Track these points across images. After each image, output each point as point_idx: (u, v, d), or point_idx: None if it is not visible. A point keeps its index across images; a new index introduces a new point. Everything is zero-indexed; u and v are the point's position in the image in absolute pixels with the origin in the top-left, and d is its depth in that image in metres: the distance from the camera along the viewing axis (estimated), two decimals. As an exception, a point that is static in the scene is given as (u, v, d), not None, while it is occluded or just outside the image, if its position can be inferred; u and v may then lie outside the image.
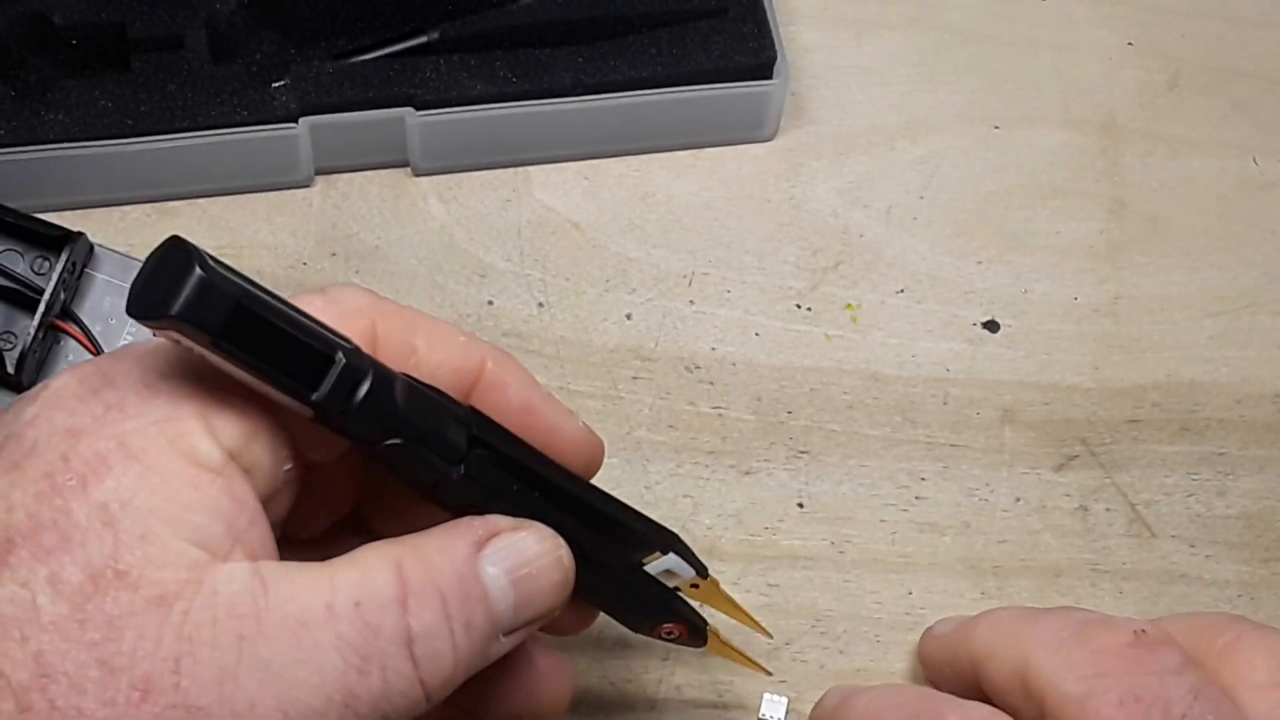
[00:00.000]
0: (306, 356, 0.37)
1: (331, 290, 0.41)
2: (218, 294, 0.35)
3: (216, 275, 0.35)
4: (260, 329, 0.36)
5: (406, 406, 0.39)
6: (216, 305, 0.35)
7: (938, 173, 0.66)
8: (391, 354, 0.41)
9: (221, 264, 0.36)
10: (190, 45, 0.62)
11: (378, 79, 0.62)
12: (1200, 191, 0.66)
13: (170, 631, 0.34)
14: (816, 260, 0.63)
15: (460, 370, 0.43)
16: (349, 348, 0.38)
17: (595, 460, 0.46)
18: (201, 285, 0.35)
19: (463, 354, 0.43)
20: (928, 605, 0.57)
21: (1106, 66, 0.69)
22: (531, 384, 0.44)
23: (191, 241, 0.36)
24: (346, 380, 0.37)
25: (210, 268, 0.35)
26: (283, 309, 0.37)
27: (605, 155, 0.65)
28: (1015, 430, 0.60)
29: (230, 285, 0.35)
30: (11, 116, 0.60)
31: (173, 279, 0.35)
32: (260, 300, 0.36)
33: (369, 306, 0.41)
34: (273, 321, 0.36)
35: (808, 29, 0.68)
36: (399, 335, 0.41)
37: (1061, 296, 0.63)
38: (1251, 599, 0.58)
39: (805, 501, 0.59)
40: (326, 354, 0.37)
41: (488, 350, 0.43)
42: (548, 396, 0.44)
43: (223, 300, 0.35)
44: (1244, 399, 0.62)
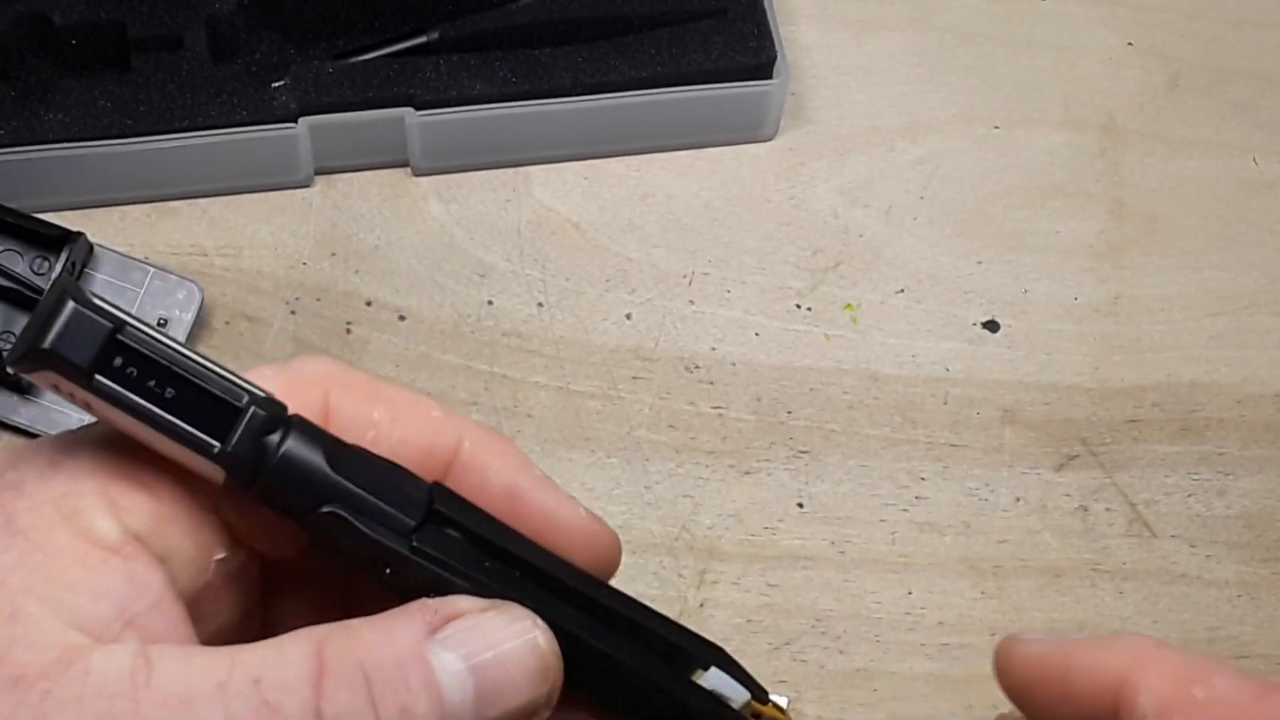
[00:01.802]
0: (206, 402, 0.33)
1: (292, 360, 0.37)
2: (90, 324, 0.32)
3: (91, 307, 0.32)
4: (145, 366, 0.32)
5: (341, 468, 0.34)
6: (88, 337, 0.32)
7: (938, 173, 0.66)
8: (345, 427, 0.36)
9: (111, 304, 0.32)
10: (190, 45, 0.62)
11: (377, 79, 0.62)
12: (1200, 191, 0.66)
13: (26, 712, 0.31)
14: (816, 260, 0.63)
15: (428, 448, 0.36)
16: (260, 396, 0.33)
17: (607, 558, 0.38)
18: (73, 317, 0.32)
19: (433, 430, 0.37)
20: (928, 605, 0.57)
21: (1106, 67, 0.69)
22: (521, 465, 0.37)
23: (78, 285, 0.33)
24: (260, 432, 0.33)
25: (85, 300, 0.32)
26: (174, 349, 0.33)
27: (605, 155, 0.65)
28: (1015, 430, 0.60)
29: (106, 316, 0.32)
30: (11, 116, 0.60)
31: (47, 317, 0.32)
32: (145, 336, 0.32)
33: (326, 376, 0.37)
34: (158, 359, 0.32)
35: (808, 29, 0.68)
36: (356, 407, 0.36)
37: (1062, 296, 0.63)
38: (1252, 599, 0.58)
39: (805, 501, 0.58)
40: (230, 402, 0.33)
41: (467, 427, 0.37)
42: (543, 480, 0.37)
43: (95, 330, 0.32)
44: (1244, 399, 0.62)
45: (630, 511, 0.58)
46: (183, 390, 0.33)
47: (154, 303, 0.59)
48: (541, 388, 0.60)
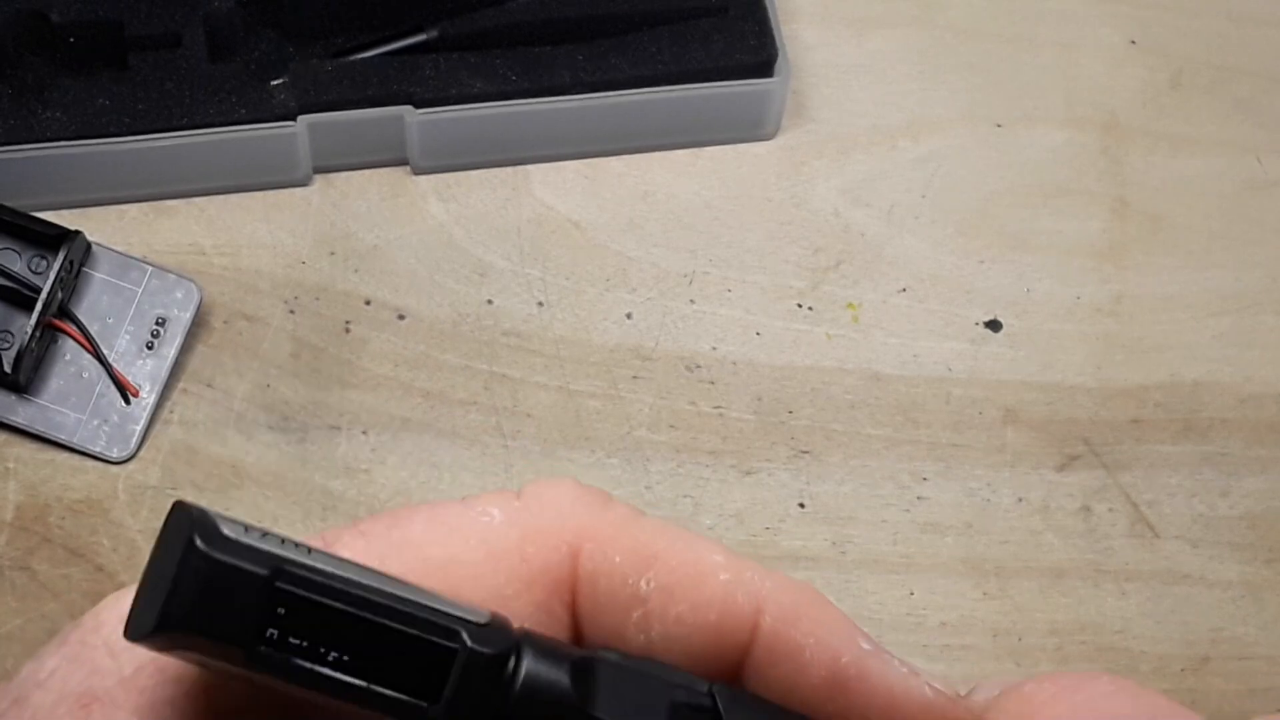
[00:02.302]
0: (405, 648, 0.24)
1: (526, 491, 0.28)
2: (238, 576, 0.23)
3: (233, 547, 0.23)
4: (318, 614, 0.24)
5: (602, 701, 0.26)
6: (238, 594, 0.23)
7: (939, 172, 0.65)
8: (600, 606, 0.27)
9: (252, 526, 0.24)
10: (188, 43, 0.62)
11: (377, 77, 0.62)
12: (1203, 190, 0.66)
13: None
14: (818, 259, 0.63)
15: (716, 629, 0.27)
16: (476, 624, 0.25)
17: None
18: (212, 571, 0.23)
19: (722, 602, 0.27)
20: (929, 606, 0.57)
21: (1109, 65, 0.68)
22: (844, 636, 0.27)
23: (199, 505, 0.24)
24: (483, 677, 0.25)
25: (221, 537, 0.23)
26: (353, 582, 0.24)
27: (605, 154, 0.64)
28: (1017, 430, 0.60)
29: (256, 558, 0.23)
30: (9, 115, 0.60)
31: (174, 573, 0.23)
32: (314, 573, 0.24)
33: (575, 527, 0.27)
34: (335, 604, 0.24)
35: (808, 27, 0.68)
36: (615, 574, 0.27)
37: (1064, 296, 0.63)
38: (1255, 599, 0.58)
39: (806, 501, 0.58)
40: (438, 643, 0.24)
41: (766, 589, 0.27)
42: (874, 653, 0.27)
43: (247, 583, 0.23)
44: (1247, 399, 0.61)
45: (630, 512, 0.58)
46: (371, 638, 0.24)
47: (152, 302, 0.59)
48: (541, 387, 0.60)
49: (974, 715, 0.27)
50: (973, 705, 0.27)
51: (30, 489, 0.57)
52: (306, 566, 0.24)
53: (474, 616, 0.25)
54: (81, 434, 0.58)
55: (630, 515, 0.28)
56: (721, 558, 0.27)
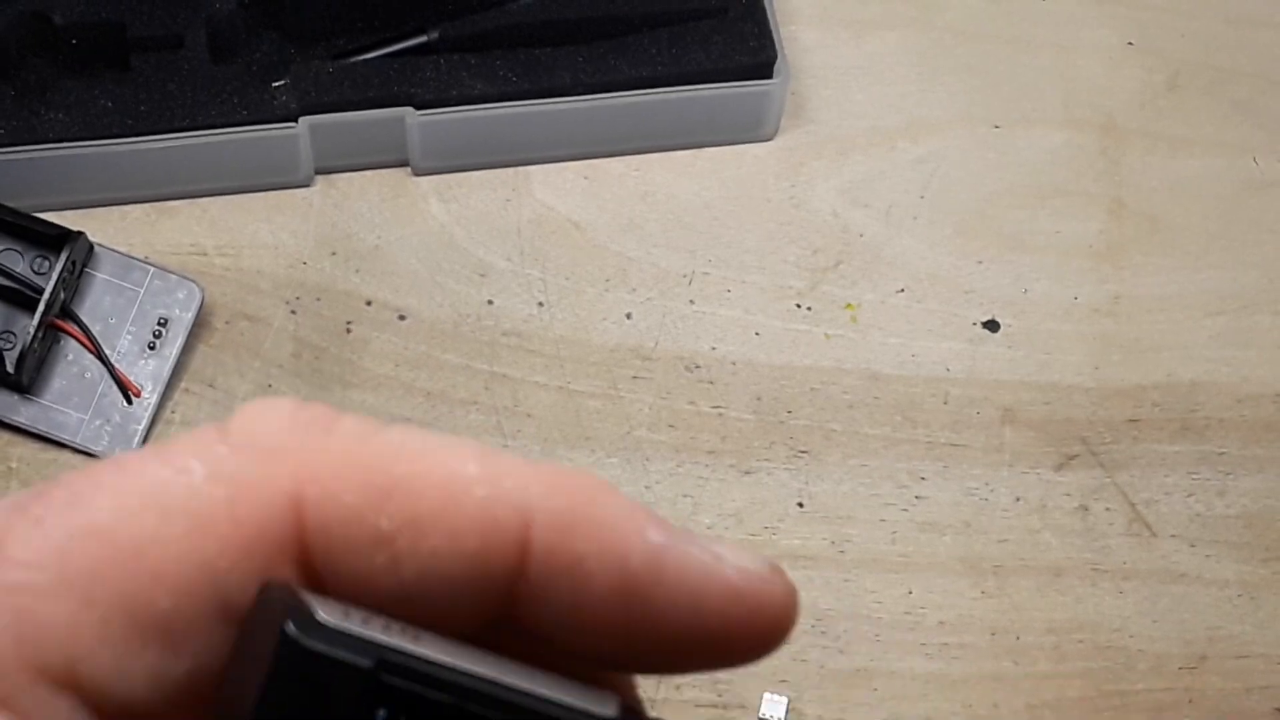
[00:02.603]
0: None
1: (238, 420, 0.23)
2: (336, 669, 0.21)
3: (329, 634, 0.21)
4: (429, 714, 0.21)
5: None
6: (336, 689, 0.21)
7: (938, 172, 0.66)
8: (334, 551, 0.23)
9: (346, 609, 0.21)
10: (190, 45, 0.62)
11: (378, 79, 0.62)
12: (1200, 191, 0.66)
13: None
14: (816, 260, 0.63)
15: (479, 560, 0.23)
16: (610, 714, 0.22)
17: (778, 623, 0.24)
18: (305, 662, 0.20)
19: (481, 523, 0.23)
20: (928, 605, 0.57)
21: (1106, 66, 0.69)
22: (634, 530, 0.23)
23: (289, 584, 0.22)
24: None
25: (314, 623, 0.21)
26: (463, 672, 0.21)
27: (605, 155, 0.65)
28: (1015, 430, 0.60)
29: (355, 645, 0.21)
30: (11, 116, 0.60)
31: (258, 658, 0.21)
32: (421, 664, 0.21)
33: (295, 456, 0.23)
34: (443, 699, 0.21)
35: (808, 29, 0.68)
36: (348, 514, 0.23)
37: (1062, 296, 0.63)
38: (1252, 599, 0.58)
39: (805, 501, 0.58)
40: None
41: (535, 498, 0.23)
42: (673, 546, 0.23)
43: (345, 676, 0.21)
44: (1244, 399, 0.62)
45: (630, 511, 0.58)
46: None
47: (154, 302, 0.59)
48: (541, 387, 0.60)
49: (788, 588, 0.24)
50: (786, 580, 0.24)
51: (33, 488, 0.57)
52: (413, 656, 0.21)
53: (601, 709, 0.22)
54: (84, 434, 0.58)
55: (358, 436, 0.23)
56: (476, 467, 0.23)
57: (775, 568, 0.24)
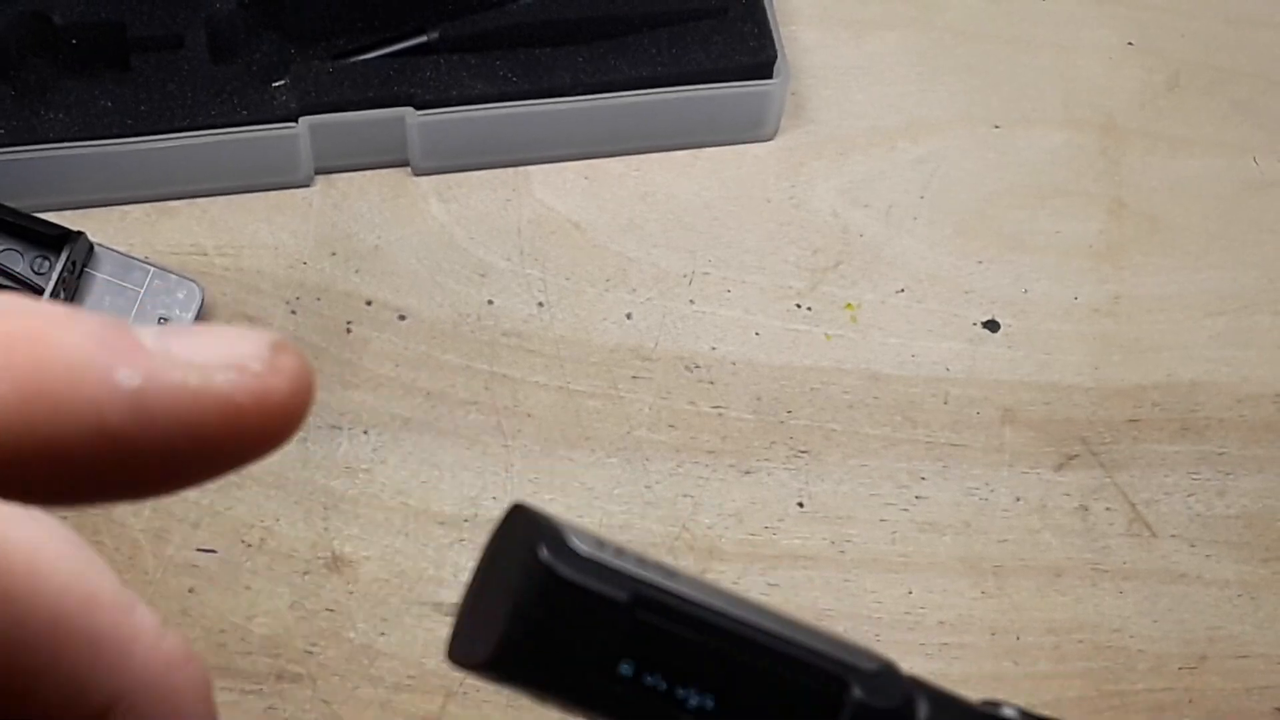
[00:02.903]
0: (784, 701, 0.20)
1: None
2: (595, 602, 0.20)
3: (583, 565, 0.20)
4: (679, 651, 0.20)
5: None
6: (592, 624, 0.20)
7: (938, 172, 0.66)
8: None
9: (600, 539, 0.21)
10: (190, 45, 0.62)
11: (378, 79, 0.62)
12: (1200, 191, 0.66)
13: None
14: (816, 260, 0.63)
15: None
16: (869, 669, 0.21)
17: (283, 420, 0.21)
18: (562, 590, 0.20)
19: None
20: (928, 605, 0.57)
21: (1106, 66, 0.69)
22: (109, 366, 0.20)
23: (543, 510, 0.21)
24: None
25: (568, 551, 0.20)
26: (720, 610, 0.20)
27: (605, 155, 0.65)
28: (1015, 430, 0.60)
29: (614, 577, 0.20)
30: (11, 116, 0.60)
31: (506, 583, 0.20)
32: (677, 598, 0.20)
33: None
34: (707, 642, 0.20)
35: (808, 29, 0.68)
36: None
37: (1062, 296, 0.63)
38: (1252, 599, 0.58)
39: (805, 501, 0.58)
40: (823, 688, 0.20)
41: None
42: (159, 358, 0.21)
43: (604, 610, 0.20)
44: (1244, 399, 0.62)
45: (630, 511, 0.58)
46: (742, 682, 0.20)
47: (154, 302, 0.59)
48: (541, 387, 0.60)
49: (293, 374, 0.22)
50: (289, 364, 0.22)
51: (33, 488, 0.57)
52: (672, 593, 0.20)
53: (863, 663, 0.21)
54: (84, 434, 0.58)
55: None
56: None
57: (276, 346, 0.21)
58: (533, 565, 0.19)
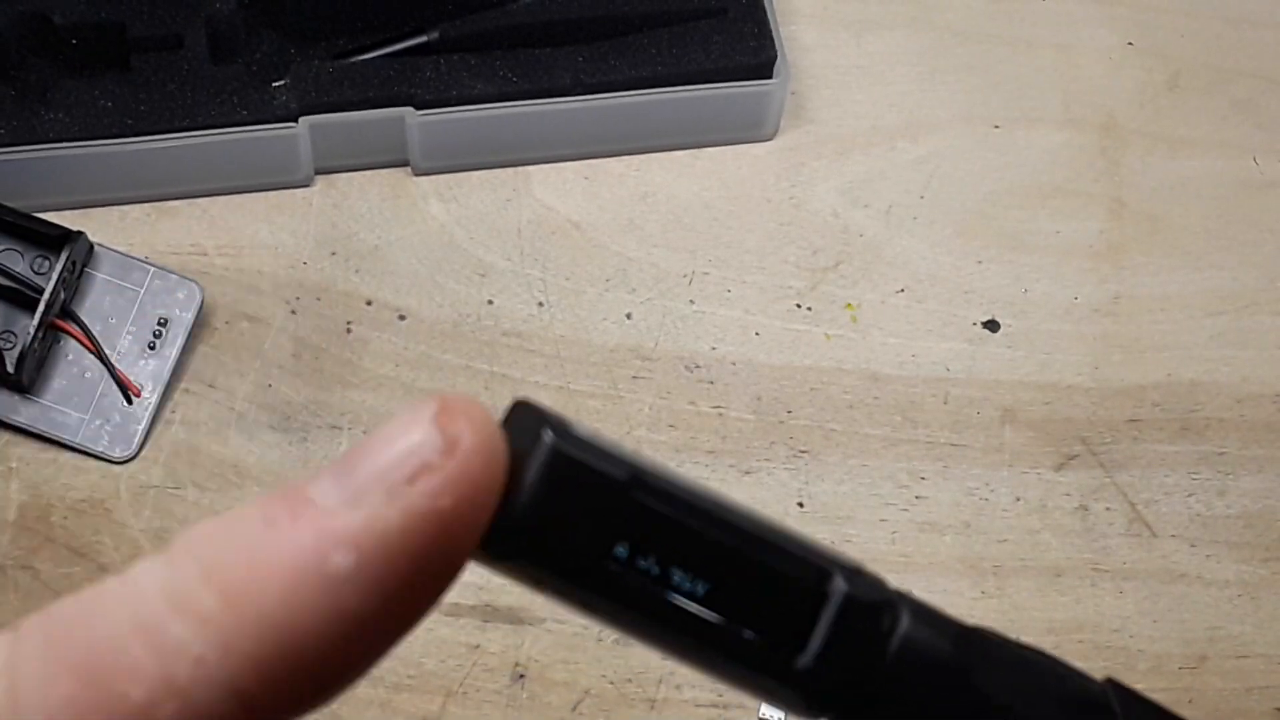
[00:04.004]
0: (765, 584, 0.21)
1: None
2: (593, 479, 0.20)
3: (585, 446, 0.21)
4: (671, 536, 0.20)
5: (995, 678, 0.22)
6: (591, 500, 0.20)
7: (938, 172, 0.66)
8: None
9: (592, 435, 0.21)
10: (190, 45, 0.62)
11: (378, 79, 0.62)
12: (1200, 191, 0.66)
13: None
14: (816, 260, 0.63)
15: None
16: (849, 565, 0.22)
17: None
18: (563, 467, 0.20)
19: None
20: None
21: (1107, 66, 0.69)
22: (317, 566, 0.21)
23: (541, 405, 0.22)
24: (861, 630, 0.21)
25: (571, 435, 0.21)
26: (711, 500, 0.21)
27: (605, 155, 0.65)
28: (1015, 430, 0.60)
29: (611, 459, 0.21)
30: (11, 116, 0.60)
31: (517, 473, 0.21)
32: (670, 485, 0.21)
33: None
34: (698, 528, 0.21)
35: (808, 29, 0.68)
36: None
37: (1062, 296, 0.63)
38: (1252, 598, 0.58)
39: (805, 501, 0.58)
40: (807, 582, 0.21)
41: None
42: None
43: (602, 487, 0.20)
44: (1244, 399, 0.62)
45: (630, 511, 0.58)
46: (732, 567, 0.21)
47: (154, 302, 0.59)
48: (541, 387, 0.60)
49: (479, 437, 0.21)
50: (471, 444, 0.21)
51: (33, 489, 0.57)
52: (667, 477, 0.20)
53: (847, 561, 0.22)
54: (84, 434, 0.58)
55: None
56: None
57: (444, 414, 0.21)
58: (539, 447, 0.20)
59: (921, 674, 0.21)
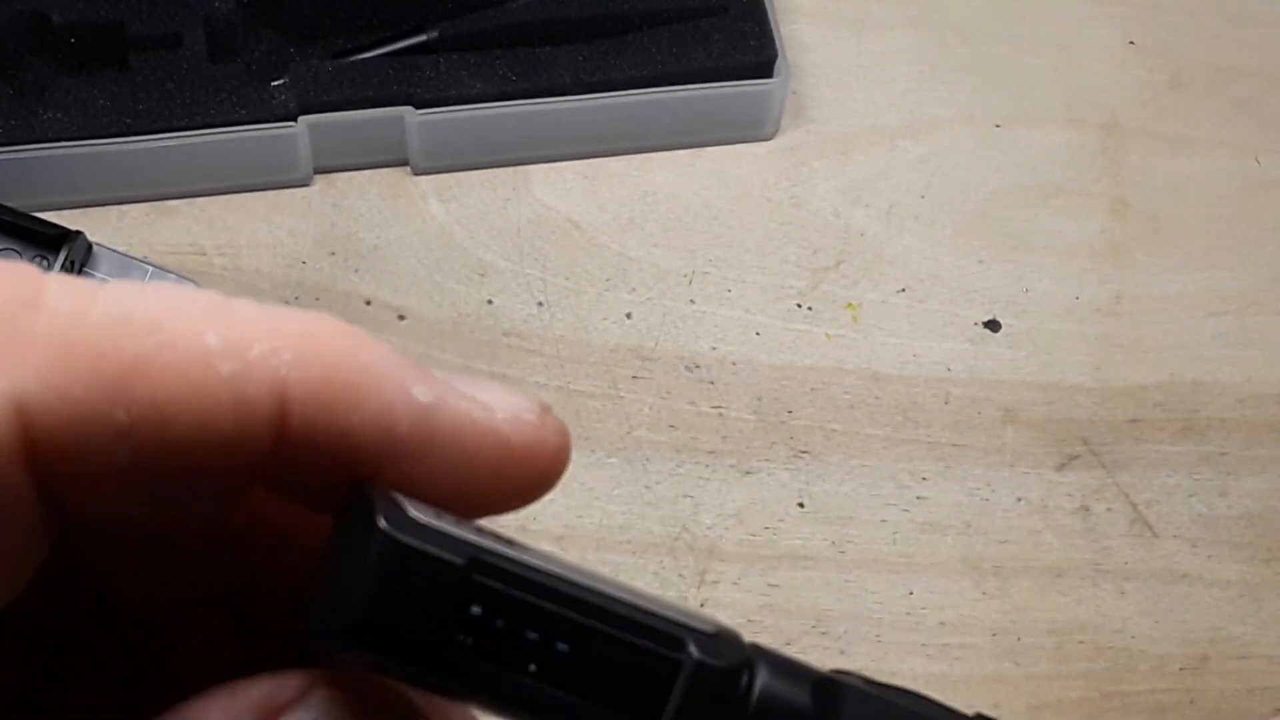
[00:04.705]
0: (616, 656, 0.21)
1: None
2: (429, 568, 0.20)
3: (420, 530, 0.20)
4: (516, 613, 0.20)
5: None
6: (429, 589, 0.20)
7: (939, 172, 0.65)
8: (74, 441, 0.20)
9: (437, 510, 0.21)
10: (189, 44, 0.62)
11: (377, 78, 0.62)
12: (1202, 190, 0.66)
13: None
14: (817, 260, 0.63)
15: (231, 442, 0.21)
16: (705, 632, 0.21)
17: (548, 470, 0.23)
18: (390, 560, 0.20)
19: (231, 404, 0.20)
20: (929, 605, 0.57)
21: (1108, 65, 0.69)
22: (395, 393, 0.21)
23: (379, 485, 0.21)
24: (713, 696, 0.21)
25: (406, 519, 0.20)
26: (553, 574, 0.21)
27: (605, 154, 0.65)
28: (1017, 430, 0.60)
29: (449, 544, 0.20)
30: (9, 115, 0.60)
31: (349, 556, 0.20)
32: (510, 564, 0.20)
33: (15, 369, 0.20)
34: (537, 602, 0.20)
35: (808, 27, 0.68)
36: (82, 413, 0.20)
37: (1063, 296, 0.63)
38: (1254, 599, 0.58)
39: (806, 501, 0.58)
40: (658, 652, 0.21)
41: (288, 369, 0.21)
42: (441, 405, 0.22)
43: (439, 575, 0.20)
44: (1246, 399, 0.61)
45: (630, 511, 0.58)
46: (581, 643, 0.20)
47: (153, 302, 0.59)
48: (541, 387, 0.60)
49: (559, 434, 0.23)
50: (556, 426, 0.23)
51: (31, 489, 0.57)
52: (506, 557, 0.20)
53: (700, 625, 0.21)
54: (82, 434, 0.58)
55: (72, 314, 0.20)
56: (215, 338, 0.21)
57: (545, 409, 0.22)
58: (375, 534, 0.20)
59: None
